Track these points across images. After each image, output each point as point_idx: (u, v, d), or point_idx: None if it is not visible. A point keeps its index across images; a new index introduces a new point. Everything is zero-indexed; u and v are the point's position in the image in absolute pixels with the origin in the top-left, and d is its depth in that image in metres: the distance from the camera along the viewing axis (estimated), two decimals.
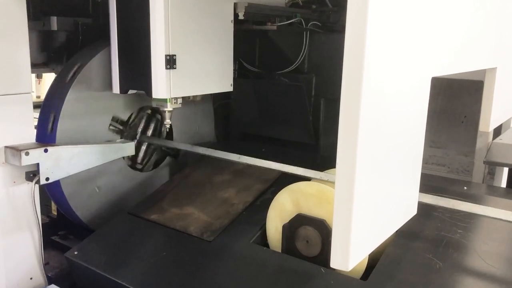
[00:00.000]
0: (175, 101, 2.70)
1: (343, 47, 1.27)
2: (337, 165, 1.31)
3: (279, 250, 2.23)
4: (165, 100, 2.67)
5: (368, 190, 1.36)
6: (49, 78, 4.54)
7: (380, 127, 1.38)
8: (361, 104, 1.26)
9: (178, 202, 2.68)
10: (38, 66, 3.00)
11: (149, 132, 3.05)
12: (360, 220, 1.33)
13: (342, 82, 1.29)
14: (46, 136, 2.51)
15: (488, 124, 2.63)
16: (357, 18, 1.22)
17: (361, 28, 1.23)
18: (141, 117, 3.01)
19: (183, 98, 2.74)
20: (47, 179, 2.29)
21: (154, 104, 2.79)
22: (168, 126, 2.84)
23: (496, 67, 2.54)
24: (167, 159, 3.19)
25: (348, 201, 1.29)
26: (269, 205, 2.33)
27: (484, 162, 2.71)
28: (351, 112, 1.28)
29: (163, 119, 2.81)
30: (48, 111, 2.56)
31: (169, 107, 2.70)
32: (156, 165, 3.15)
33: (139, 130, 2.99)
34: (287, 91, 3.33)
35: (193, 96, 2.92)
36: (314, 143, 3.32)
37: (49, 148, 2.28)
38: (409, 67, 1.50)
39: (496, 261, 1.93)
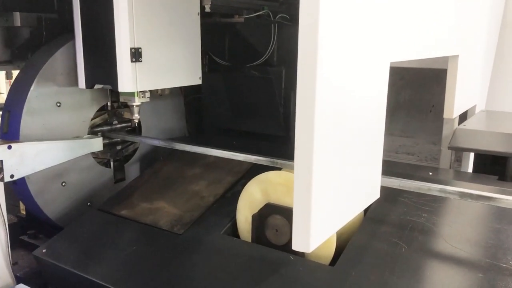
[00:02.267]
0: (142, 95, 2.68)
1: None
2: (295, 149, 1.33)
3: (250, 240, 2.24)
4: (132, 94, 2.65)
5: (326, 173, 1.38)
6: None
7: (337, 111, 1.39)
8: (316, 87, 1.27)
9: (149, 197, 2.66)
10: (2, 64, 2.94)
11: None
12: (319, 202, 1.34)
13: (298, 68, 1.30)
14: (8, 133, 2.46)
15: (452, 111, 2.69)
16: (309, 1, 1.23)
17: (314, 10, 1.24)
18: (104, 112, 2.98)
19: (151, 92, 2.72)
20: (11, 176, 2.25)
21: (122, 99, 2.77)
22: (136, 121, 2.82)
23: (458, 55, 2.60)
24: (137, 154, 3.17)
25: (307, 184, 1.31)
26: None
27: (449, 148, 2.77)
28: (307, 98, 1.29)
29: (131, 114, 2.80)
30: (10, 107, 2.51)
31: (137, 101, 2.68)
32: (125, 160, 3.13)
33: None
34: (257, 84, 3.34)
35: (161, 90, 2.90)
36: (285, 135, 3.34)
37: (13, 145, 2.24)
38: (366, 51, 1.52)
39: (460, 242, 1.97)
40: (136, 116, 2.74)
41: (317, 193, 1.33)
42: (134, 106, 2.71)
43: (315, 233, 1.34)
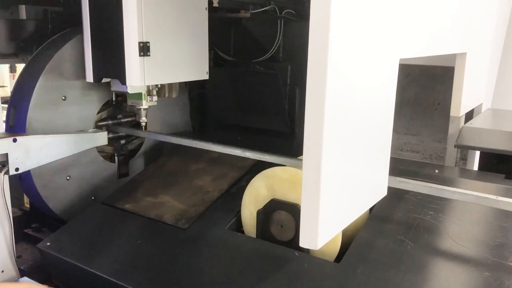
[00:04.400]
0: (150, 98, 2.69)
1: None
2: (304, 145, 1.32)
3: (254, 236, 2.23)
4: (140, 97, 2.65)
5: (335, 169, 1.37)
6: None
7: (346, 107, 1.38)
8: (327, 83, 1.26)
9: (153, 191, 2.66)
10: (7, 57, 2.93)
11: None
12: (328, 199, 1.34)
13: (308, 64, 1.29)
14: (14, 127, 2.46)
15: (459, 109, 2.68)
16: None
17: (325, 8, 1.23)
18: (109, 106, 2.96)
19: (158, 94, 2.73)
20: (16, 169, 2.25)
21: (129, 102, 2.77)
22: (144, 124, 2.81)
23: (466, 52, 2.59)
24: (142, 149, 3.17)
25: (316, 181, 1.30)
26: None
27: (455, 146, 2.76)
28: (317, 94, 1.28)
29: (139, 117, 2.81)
30: (17, 101, 2.50)
31: (144, 105, 2.70)
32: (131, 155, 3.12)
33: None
34: (262, 79, 3.33)
35: (169, 93, 2.90)
36: (289, 131, 3.33)
37: (18, 138, 2.23)
38: (376, 48, 1.51)
39: (466, 240, 1.97)
40: (143, 120, 2.75)
41: (325, 190, 1.32)
42: (142, 110, 2.72)
43: (323, 230, 1.34)
